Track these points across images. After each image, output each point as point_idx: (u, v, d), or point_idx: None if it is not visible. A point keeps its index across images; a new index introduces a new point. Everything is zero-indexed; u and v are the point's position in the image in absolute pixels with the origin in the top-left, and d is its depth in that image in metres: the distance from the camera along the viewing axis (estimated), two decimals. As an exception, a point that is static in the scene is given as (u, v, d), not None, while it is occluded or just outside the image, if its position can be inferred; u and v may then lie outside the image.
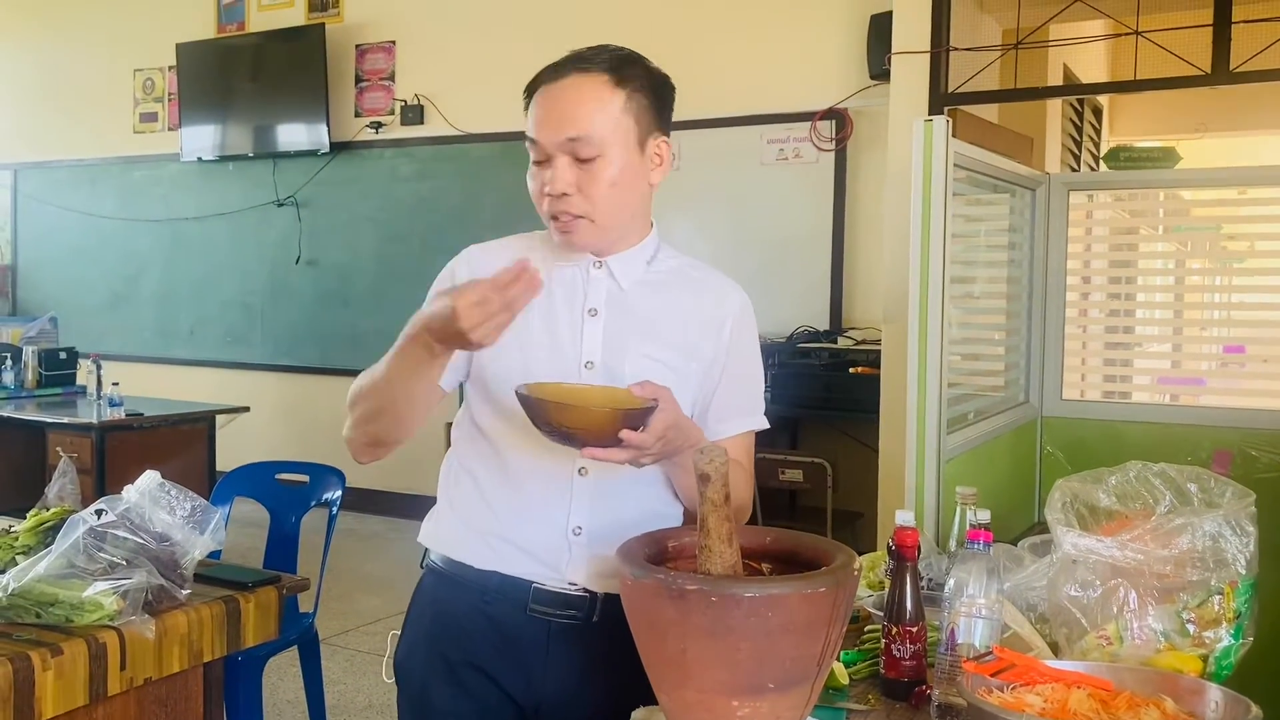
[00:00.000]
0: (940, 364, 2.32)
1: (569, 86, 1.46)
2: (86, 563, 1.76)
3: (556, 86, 1.46)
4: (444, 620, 1.57)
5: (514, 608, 1.51)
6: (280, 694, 3.70)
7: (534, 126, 1.47)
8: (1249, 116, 6.44)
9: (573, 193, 1.45)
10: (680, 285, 1.58)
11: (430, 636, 1.58)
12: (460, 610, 1.55)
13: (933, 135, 2.32)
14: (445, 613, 1.57)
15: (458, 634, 1.55)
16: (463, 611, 1.54)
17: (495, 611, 1.52)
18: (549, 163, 1.46)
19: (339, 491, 3.16)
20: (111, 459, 4.58)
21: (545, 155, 1.46)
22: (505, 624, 1.52)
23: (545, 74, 1.49)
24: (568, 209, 1.46)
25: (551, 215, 1.48)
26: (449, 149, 6.43)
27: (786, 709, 1.23)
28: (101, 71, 7.68)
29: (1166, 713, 1.27)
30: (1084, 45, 4.98)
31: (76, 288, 7.76)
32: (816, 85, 5.37)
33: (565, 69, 1.47)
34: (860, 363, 4.84)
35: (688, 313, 1.57)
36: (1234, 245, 3.42)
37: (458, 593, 1.55)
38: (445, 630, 1.56)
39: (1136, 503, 1.63)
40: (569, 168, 1.44)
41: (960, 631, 1.43)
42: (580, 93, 1.45)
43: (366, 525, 6.12)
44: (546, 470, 1.50)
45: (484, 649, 1.53)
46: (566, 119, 1.44)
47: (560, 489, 1.51)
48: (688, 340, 1.56)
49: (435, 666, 1.56)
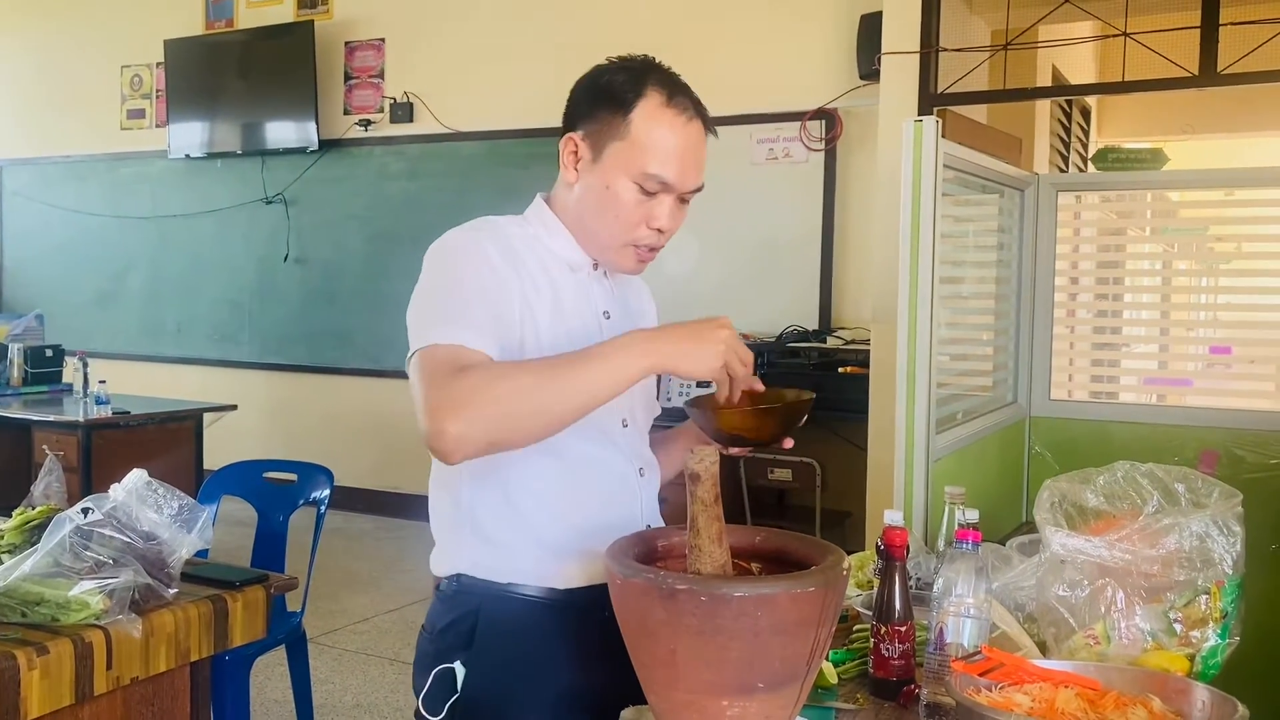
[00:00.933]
0: (929, 364, 2.33)
1: (697, 136, 1.47)
2: (73, 561, 1.75)
3: (692, 132, 1.46)
4: (524, 645, 1.47)
5: (594, 615, 1.43)
6: (268, 693, 3.68)
7: (676, 173, 1.44)
8: (1236, 118, 6.47)
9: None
10: (625, 282, 1.64)
11: (514, 666, 1.47)
12: (538, 633, 1.47)
13: (922, 135, 2.32)
14: (526, 638, 1.47)
15: (539, 658, 1.47)
16: (542, 633, 1.47)
17: (576, 624, 1.47)
18: (656, 197, 1.46)
19: (327, 490, 3.15)
20: (98, 457, 4.56)
21: (658, 192, 1.45)
22: (584, 633, 1.46)
23: (677, 102, 1.45)
24: (659, 244, 1.50)
25: (637, 246, 1.49)
26: (438, 147, 6.42)
27: (776, 709, 1.23)
28: (89, 68, 7.64)
29: (1153, 712, 1.27)
30: (1073, 46, 5.00)
31: (63, 285, 7.72)
32: (806, 85, 5.38)
33: (691, 113, 1.47)
34: (849, 362, 4.85)
35: (636, 304, 1.66)
36: (1221, 246, 3.43)
37: (535, 614, 1.47)
38: (528, 656, 1.47)
39: (1124, 503, 1.64)
40: (679, 210, 1.49)
41: (948, 631, 1.44)
42: (703, 146, 1.49)
43: (355, 524, 6.10)
44: (617, 474, 1.52)
45: (568, 666, 1.48)
46: (699, 170, 1.48)
47: (630, 490, 1.54)
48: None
49: (523, 696, 1.47)
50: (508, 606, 1.48)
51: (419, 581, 5.04)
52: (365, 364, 6.48)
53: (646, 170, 1.43)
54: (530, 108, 5.96)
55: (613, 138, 1.44)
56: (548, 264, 1.50)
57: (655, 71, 1.47)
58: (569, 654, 1.48)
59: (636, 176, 1.44)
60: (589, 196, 1.48)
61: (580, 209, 1.49)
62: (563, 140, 1.49)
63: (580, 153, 1.47)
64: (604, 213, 1.47)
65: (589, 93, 1.49)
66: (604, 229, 1.48)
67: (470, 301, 1.39)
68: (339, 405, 6.68)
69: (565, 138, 1.49)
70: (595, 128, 1.46)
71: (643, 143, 1.43)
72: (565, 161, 1.49)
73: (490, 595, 1.48)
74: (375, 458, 6.41)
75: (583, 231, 1.51)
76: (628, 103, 1.44)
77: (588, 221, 1.49)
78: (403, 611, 4.65)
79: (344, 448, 6.42)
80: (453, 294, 1.41)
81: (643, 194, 1.45)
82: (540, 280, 1.47)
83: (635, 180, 1.44)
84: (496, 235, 1.47)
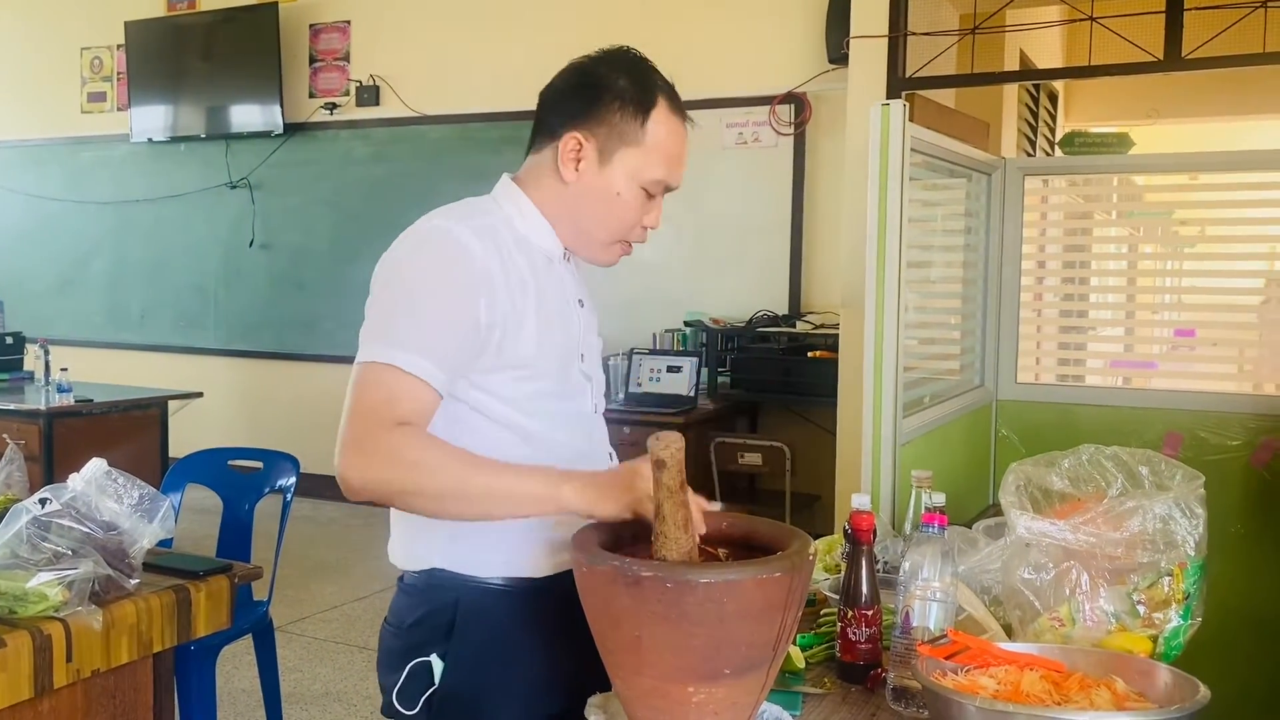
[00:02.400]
0: (897, 348, 2.33)
1: (684, 134, 1.50)
2: (30, 553, 1.73)
3: (685, 134, 1.50)
4: (503, 636, 1.47)
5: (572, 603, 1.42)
6: (235, 683, 3.66)
7: (677, 176, 1.49)
8: (1200, 103, 6.53)
9: None
10: (579, 265, 1.63)
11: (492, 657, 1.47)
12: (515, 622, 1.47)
13: (890, 119, 2.32)
14: (504, 629, 1.47)
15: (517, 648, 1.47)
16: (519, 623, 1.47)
17: (553, 612, 1.46)
18: (655, 199, 1.50)
19: (293, 478, 3.12)
20: (60, 446, 4.50)
21: (658, 194, 1.50)
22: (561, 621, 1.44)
23: (677, 107, 1.48)
24: (643, 241, 1.54)
25: (625, 242, 1.52)
26: (405, 130, 6.36)
27: (742, 694, 1.22)
28: (47, 50, 7.51)
29: (1117, 693, 1.28)
30: (1040, 31, 5.02)
31: (23, 271, 7.60)
32: (775, 69, 5.37)
33: (684, 115, 1.50)
34: (819, 347, 4.86)
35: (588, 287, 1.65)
36: (1185, 230, 3.46)
37: (513, 605, 1.47)
38: (505, 647, 1.47)
39: (1089, 486, 1.65)
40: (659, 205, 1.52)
41: (915, 615, 1.44)
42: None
43: (323, 512, 6.06)
44: (587, 462, 1.48)
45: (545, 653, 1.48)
46: (684, 167, 1.51)
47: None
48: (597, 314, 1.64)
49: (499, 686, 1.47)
50: (485, 598, 1.46)
51: (387, 568, 4.99)
52: (332, 350, 6.41)
53: (656, 176, 1.46)
54: (499, 91, 5.92)
55: (625, 144, 1.45)
56: (530, 256, 1.47)
57: (655, 74, 1.48)
58: (545, 641, 1.48)
59: (646, 182, 1.46)
60: (590, 198, 1.47)
61: (576, 207, 1.48)
62: (564, 138, 1.45)
63: (584, 153, 1.45)
64: (606, 214, 1.48)
65: (592, 92, 1.45)
66: (602, 228, 1.49)
67: (435, 324, 1.36)
68: (306, 392, 6.63)
69: (568, 135, 1.45)
70: (603, 130, 1.44)
71: (655, 151, 1.45)
72: (564, 159, 1.46)
73: (467, 588, 1.47)
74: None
75: (572, 227, 1.50)
76: (645, 110, 1.45)
77: (583, 221, 1.49)
78: (371, 599, 4.62)
79: (312, 434, 6.33)
80: (413, 304, 1.37)
81: (647, 197, 1.48)
82: (526, 278, 1.44)
83: (644, 186, 1.47)
84: (483, 229, 1.42)
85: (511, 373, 1.43)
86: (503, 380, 1.43)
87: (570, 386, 1.51)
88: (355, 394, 1.33)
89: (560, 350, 1.48)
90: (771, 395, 5.01)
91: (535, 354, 1.44)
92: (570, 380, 1.51)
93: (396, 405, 1.31)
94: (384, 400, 1.31)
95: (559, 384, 1.49)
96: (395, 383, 1.32)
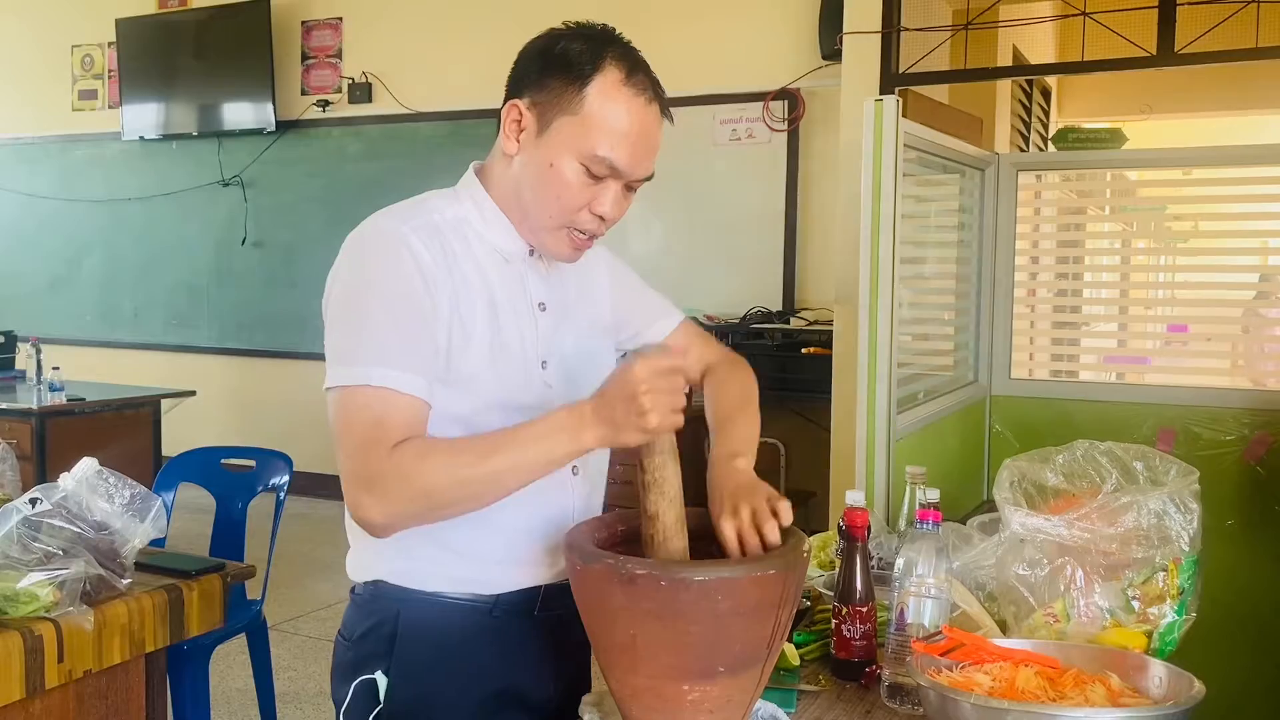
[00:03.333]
0: (890, 344, 2.33)
1: (653, 120, 1.35)
2: (21, 553, 1.72)
3: (649, 116, 1.34)
4: (447, 649, 1.40)
5: (522, 616, 1.42)
6: (229, 682, 3.65)
7: (627, 159, 1.33)
8: (1193, 98, 6.54)
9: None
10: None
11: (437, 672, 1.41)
12: (460, 635, 1.41)
13: (883, 115, 2.32)
14: (449, 643, 1.40)
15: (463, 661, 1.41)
16: (465, 635, 1.41)
17: (502, 625, 1.42)
18: (603, 182, 1.34)
19: (286, 477, 3.11)
20: (53, 445, 4.48)
21: (605, 176, 1.34)
22: (511, 633, 1.42)
23: (636, 81, 1.33)
24: (599, 232, 1.39)
25: (576, 230, 1.37)
26: (398, 128, 6.34)
27: (737, 691, 1.22)
28: (38, 47, 7.47)
29: (1112, 689, 1.28)
30: (1033, 26, 5.02)
31: (15, 270, 7.57)
32: (769, 65, 5.36)
33: (650, 94, 1.35)
34: (813, 343, 4.86)
35: (585, 284, 1.53)
36: (1178, 225, 3.46)
37: (458, 618, 1.40)
38: (451, 661, 1.41)
39: (1083, 481, 1.64)
40: (625, 197, 1.37)
41: (910, 611, 1.44)
42: (658, 132, 1.37)
43: (317, 510, 6.05)
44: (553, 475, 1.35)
45: (494, 666, 1.42)
46: (651, 157, 1.37)
47: (563, 489, 1.44)
48: (598, 313, 1.54)
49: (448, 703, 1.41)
50: (428, 611, 1.40)
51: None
52: (326, 348, 6.40)
53: (596, 152, 1.31)
54: (492, 87, 5.80)
55: (562, 111, 1.32)
56: (480, 256, 1.38)
57: (615, 44, 1.35)
58: (494, 655, 1.42)
59: (584, 157, 1.32)
60: (528, 172, 1.35)
61: (517, 184, 1.37)
62: (506, 106, 1.36)
63: (524, 123, 1.35)
64: (543, 191, 1.34)
65: (541, 58, 1.35)
66: (541, 209, 1.36)
67: (394, 326, 1.29)
68: (299, 389, 6.61)
69: (509, 104, 1.36)
70: (544, 98, 1.33)
71: (595, 121, 1.31)
72: (507, 130, 1.36)
73: (409, 600, 1.40)
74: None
75: (517, 209, 1.39)
76: (584, 75, 1.31)
77: (524, 198, 1.37)
78: (366, 597, 4.61)
79: (305, 432, 6.34)
80: (375, 315, 1.30)
81: (589, 176, 1.33)
82: (473, 279, 1.36)
83: (582, 161, 1.32)
84: (424, 229, 1.34)
85: (460, 386, 1.34)
86: (449, 395, 1.33)
87: (529, 397, 1.38)
88: (341, 426, 1.26)
89: (514, 358, 1.38)
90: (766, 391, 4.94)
91: (486, 362, 1.35)
92: (530, 390, 1.40)
93: (388, 427, 1.25)
94: (373, 426, 1.25)
95: (513, 394, 1.37)
96: (377, 404, 1.26)
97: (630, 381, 1.21)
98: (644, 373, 1.21)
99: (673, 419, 1.23)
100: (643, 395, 1.21)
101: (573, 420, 1.25)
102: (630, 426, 1.23)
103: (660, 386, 1.22)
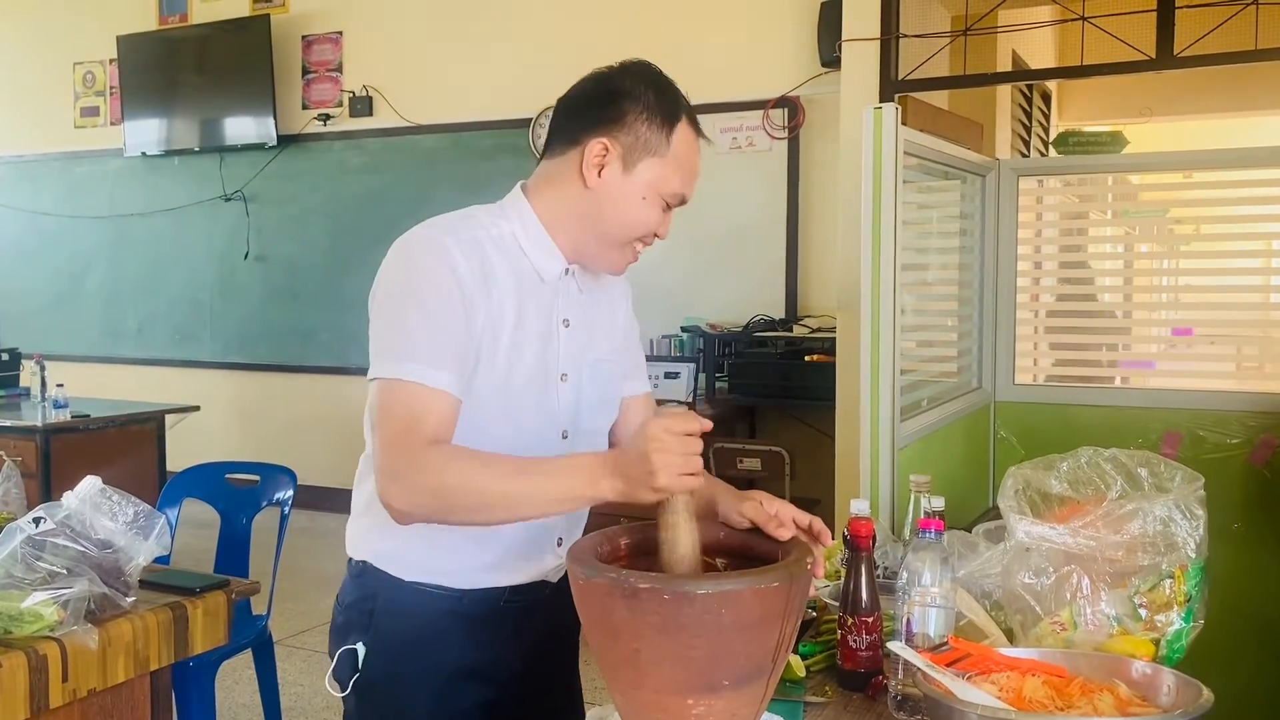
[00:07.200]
0: (893, 351, 2.33)
1: (698, 150, 1.54)
2: (25, 573, 1.72)
3: (698, 147, 1.53)
4: (418, 630, 1.54)
5: (489, 604, 1.54)
6: (235, 697, 3.64)
7: (690, 186, 1.52)
8: (1193, 101, 6.53)
9: None
10: (594, 280, 1.61)
11: (408, 649, 1.54)
12: (431, 617, 1.54)
13: (882, 122, 2.32)
14: (420, 624, 1.54)
15: (432, 641, 1.54)
16: (435, 617, 1.54)
17: (470, 612, 1.54)
18: (670, 209, 1.52)
19: (290, 491, 3.11)
20: (58, 462, 4.48)
21: (675, 206, 1.52)
22: (477, 618, 1.54)
23: (695, 122, 1.52)
24: (648, 246, 1.56)
25: (639, 246, 1.53)
26: (399, 140, 6.35)
27: (742, 705, 1.21)
28: (39, 65, 7.50)
29: (1120, 697, 1.27)
30: (1032, 31, 5.02)
31: (18, 287, 7.58)
32: (768, 73, 5.37)
33: (700, 133, 1.54)
34: (816, 350, 4.85)
35: (611, 308, 1.64)
36: (1181, 228, 3.45)
37: (430, 602, 1.53)
38: (421, 640, 1.54)
39: (1088, 488, 1.64)
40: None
41: (915, 621, 1.43)
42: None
43: (320, 523, 6.04)
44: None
45: (460, 646, 1.54)
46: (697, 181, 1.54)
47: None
48: (614, 336, 1.63)
49: (415, 678, 1.54)
50: (404, 595, 1.53)
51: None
52: (329, 361, 6.41)
53: (675, 189, 1.49)
54: (493, 99, 5.91)
55: (649, 154, 1.47)
56: (520, 275, 1.48)
57: (678, 90, 1.52)
58: (461, 638, 1.53)
59: (666, 193, 1.49)
60: (611, 201, 1.48)
61: (595, 211, 1.48)
62: (589, 143, 1.46)
63: (609, 159, 1.47)
64: (629, 218, 1.49)
65: (620, 104, 1.47)
66: (621, 231, 1.50)
67: (435, 330, 1.39)
68: (303, 403, 6.61)
69: (595, 141, 1.46)
70: (630, 140, 1.46)
71: (677, 163, 1.48)
72: (589, 164, 1.46)
73: (388, 584, 1.54)
74: (340, 456, 6.32)
75: (587, 232, 1.50)
76: (671, 125, 1.48)
77: (604, 223, 1.49)
78: (372, 610, 4.60)
79: (309, 446, 6.36)
80: (417, 317, 1.39)
81: (665, 207, 1.50)
82: (508, 301, 1.46)
83: (665, 197, 1.49)
84: (469, 244, 1.44)
85: (477, 395, 1.43)
86: (467, 405, 1.42)
87: (545, 412, 1.51)
88: (381, 418, 1.37)
89: (532, 371, 1.49)
90: (769, 399, 5.00)
91: (504, 377, 1.46)
92: (546, 403, 1.51)
93: (423, 424, 1.35)
94: (410, 421, 1.35)
95: (529, 408, 1.49)
96: (415, 399, 1.36)
97: (644, 439, 1.27)
98: (657, 431, 1.26)
99: (682, 481, 1.27)
100: (654, 454, 1.25)
101: (594, 464, 1.33)
102: (641, 484, 1.28)
103: (672, 447, 1.26)
